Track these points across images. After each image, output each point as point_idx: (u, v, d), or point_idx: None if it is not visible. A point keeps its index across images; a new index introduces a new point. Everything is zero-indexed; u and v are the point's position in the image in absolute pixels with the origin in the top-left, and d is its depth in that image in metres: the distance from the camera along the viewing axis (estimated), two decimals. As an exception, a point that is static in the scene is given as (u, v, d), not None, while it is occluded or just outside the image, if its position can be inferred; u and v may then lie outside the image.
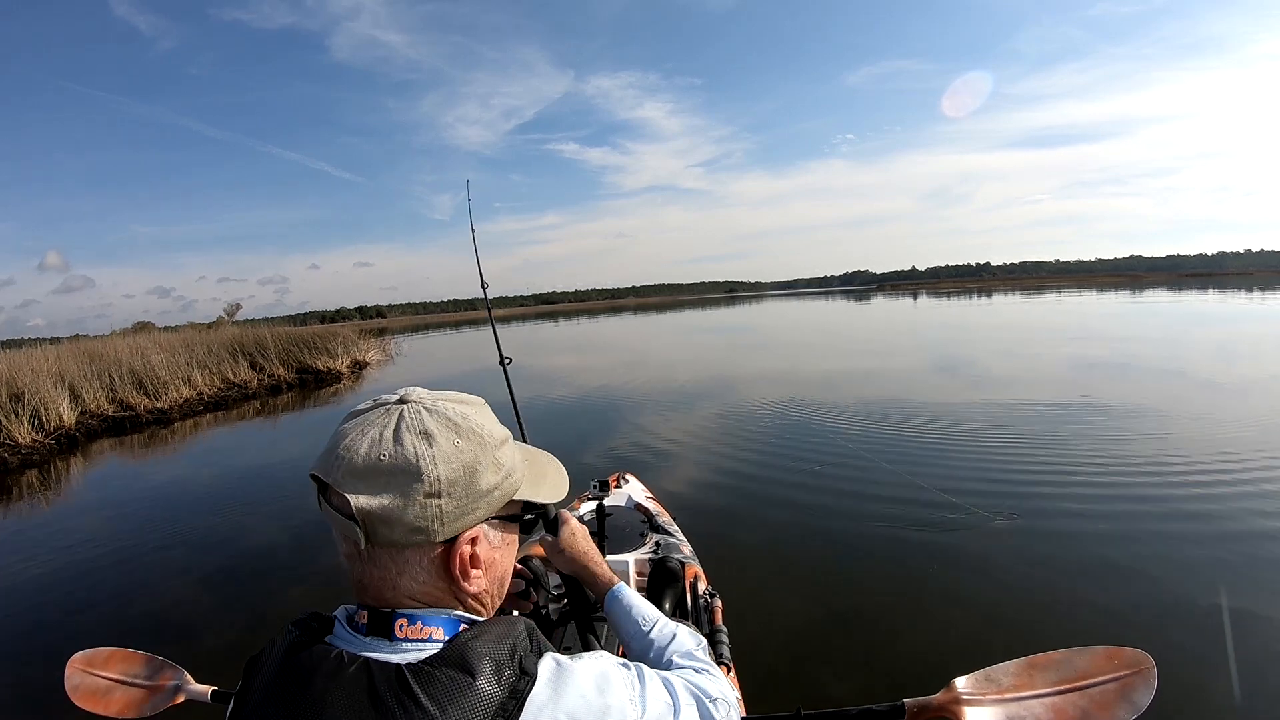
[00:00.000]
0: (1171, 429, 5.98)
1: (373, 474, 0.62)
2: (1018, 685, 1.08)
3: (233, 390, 12.73)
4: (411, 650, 0.63)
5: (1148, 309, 24.72)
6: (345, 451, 0.63)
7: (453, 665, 0.59)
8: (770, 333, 24.54)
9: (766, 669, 2.57)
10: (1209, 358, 10.96)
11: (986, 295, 52.78)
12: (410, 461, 0.63)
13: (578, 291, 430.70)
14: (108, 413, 10.27)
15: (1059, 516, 4.06)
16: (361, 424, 0.66)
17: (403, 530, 0.62)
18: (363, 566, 0.65)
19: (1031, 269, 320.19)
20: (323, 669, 0.60)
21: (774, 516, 4.37)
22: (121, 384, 10.92)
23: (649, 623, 0.98)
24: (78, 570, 4.42)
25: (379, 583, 0.65)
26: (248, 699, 0.64)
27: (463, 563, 0.67)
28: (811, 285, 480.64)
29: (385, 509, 0.61)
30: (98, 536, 5.04)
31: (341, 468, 0.62)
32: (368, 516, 0.61)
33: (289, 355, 14.88)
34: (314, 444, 7.17)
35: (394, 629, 0.64)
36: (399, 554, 0.64)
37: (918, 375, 10.59)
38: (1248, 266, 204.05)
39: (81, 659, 1.42)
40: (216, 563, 4.39)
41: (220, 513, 5.51)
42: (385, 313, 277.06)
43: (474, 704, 0.57)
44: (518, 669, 0.61)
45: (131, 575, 4.26)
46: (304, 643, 0.64)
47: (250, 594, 3.88)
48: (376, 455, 0.62)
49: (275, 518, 5.28)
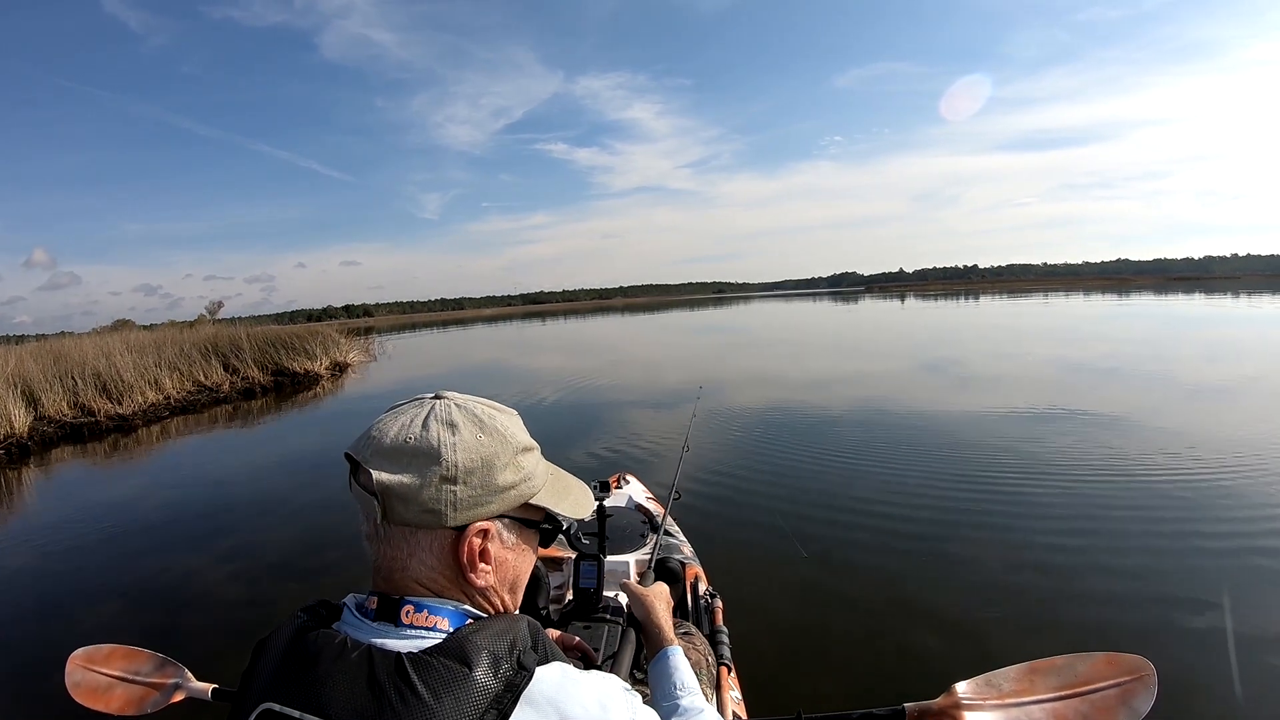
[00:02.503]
0: (1172, 433, 5.90)
1: (396, 453, 0.66)
2: (1018, 690, 1.07)
3: (203, 394, 12.09)
4: (415, 638, 0.64)
5: (1137, 311, 24.71)
6: (377, 433, 0.68)
7: (451, 656, 0.60)
8: (759, 333, 24.37)
9: (767, 671, 2.54)
10: (1208, 361, 10.82)
11: (974, 297, 53.49)
12: (432, 445, 0.67)
13: (565, 292, 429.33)
14: (67, 419, 9.71)
15: (1059, 520, 4.01)
16: (396, 413, 0.70)
17: (416, 509, 0.66)
18: (378, 546, 0.69)
19: (1020, 271, 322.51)
20: (325, 653, 0.62)
21: (774, 517, 4.26)
22: (84, 387, 10.36)
23: (685, 691, 0.96)
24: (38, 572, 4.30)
25: (390, 562, 0.68)
26: (252, 680, 0.65)
27: (471, 553, 0.69)
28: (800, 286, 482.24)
29: (403, 486, 0.65)
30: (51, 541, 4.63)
31: (371, 447, 0.67)
32: (386, 491, 0.65)
33: (265, 356, 14.24)
34: (285, 450, 6.88)
35: (400, 615, 0.66)
36: (411, 534, 0.67)
37: (909, 377, 10.58)
38: (1235, 271, 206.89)
39: (82, 655, 1.41)
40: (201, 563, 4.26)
41: (216, 514, 5.37)
42: (373, 312, 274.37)
43: (469, 695, 0.58)
44: (515, 664, 0.62)
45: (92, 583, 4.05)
46: (310, 628, 0.66)
47: (249, 595, 3.79)
48: (403, 438, 0.67)
49: (270, 519, 5.18)
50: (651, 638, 1.11)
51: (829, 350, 16.13)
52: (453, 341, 31.67)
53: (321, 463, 6.78)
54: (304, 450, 7.78)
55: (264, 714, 0.61)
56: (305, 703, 0.59)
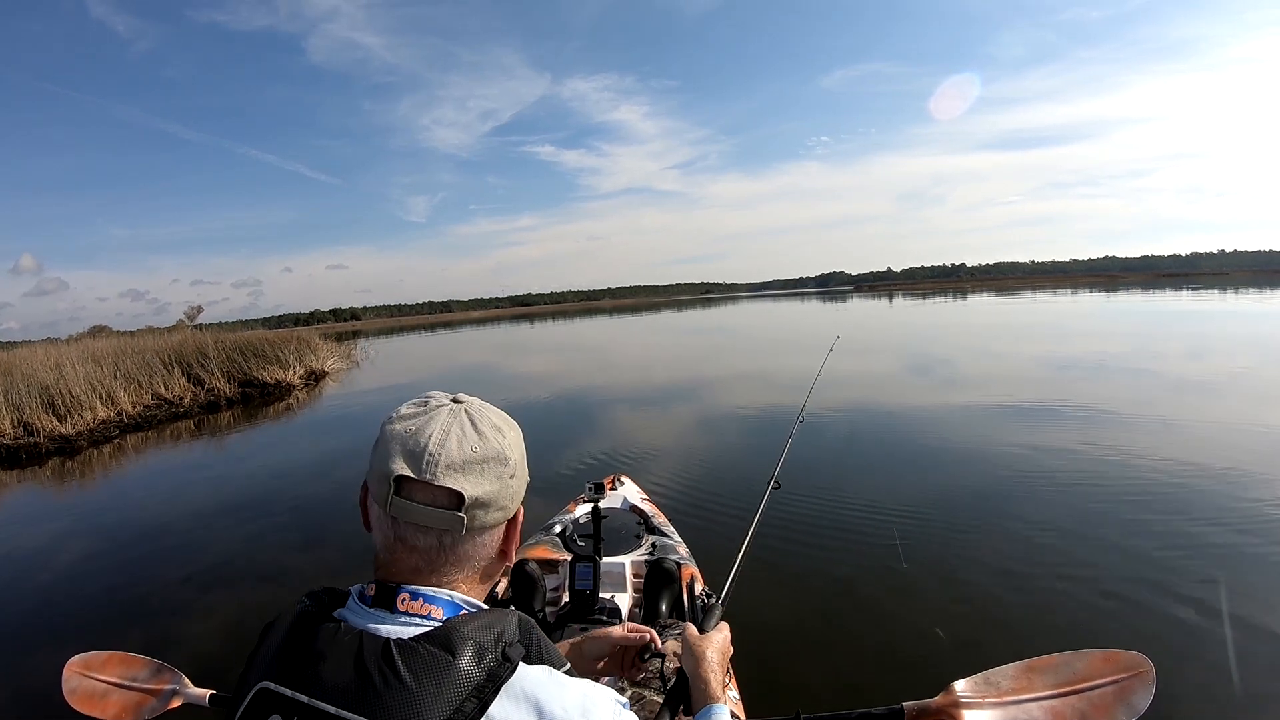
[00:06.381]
0: (1165, 427, 5.90)
1: (470, 464, 0.67)
2: (1016, 688, 1.04)
3: (161, 408, 11.17)
4: (409, 624, 0.65)
5: (1138, 310, 24.54)
6: (438, 448, 0.67)
7: (438, 644, 0.61)
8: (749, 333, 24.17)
9: (765, 671, 2.51)
10: (1207, 359, 10.69)
11: (963, 296, 54.02)
12: (499, 451, 0.70)
13: (553, 294, 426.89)
14: (6, 439, 8.85)
15: (1056, 518, 3.97)
16: (430, 425, 0.69)
17: (494, 511, 0.70)
18: (435, 555, 0.68)
19: (1007, 269, 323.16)
20: (321, 637, 0.63)
21: (771, 517, 3.77)
22: (29, 403, 9.49)
23: None
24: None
25: (446, 566, 0.69)
26: (255, 662, 0.66)
27: (516, 535, 0.75)
28: (788, 286, 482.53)
29: (487, 494, 0.68)
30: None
31: (439, 464, 0.66)
32: (475, 503, 0.67)
33: (233, 365, 13.33)
34: (254, 466, 6.14)
35: (396, 602, 0.66)
36: (480, 535, 0.70)
37: (903, 377, 10.49)
38: (1222, 267, 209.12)
39: (79, 662, 1.38)
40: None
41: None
42: (360, 315, 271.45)
43: (451, 682, 0.58)
44: (500, 656, 0.62)
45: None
46: (313, 613, 0.67)
47: (246, 597, 3.82)
48: (469, 448, 0.68)
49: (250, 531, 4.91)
50: (696, 691, 1.01)
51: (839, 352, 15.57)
52: (441, 345, 31.35)
53: (283, 474, 6.75)
54: (262, 472, 7.21)
55: (260, 692, 0.63)
56: (298, 683, 0.61)
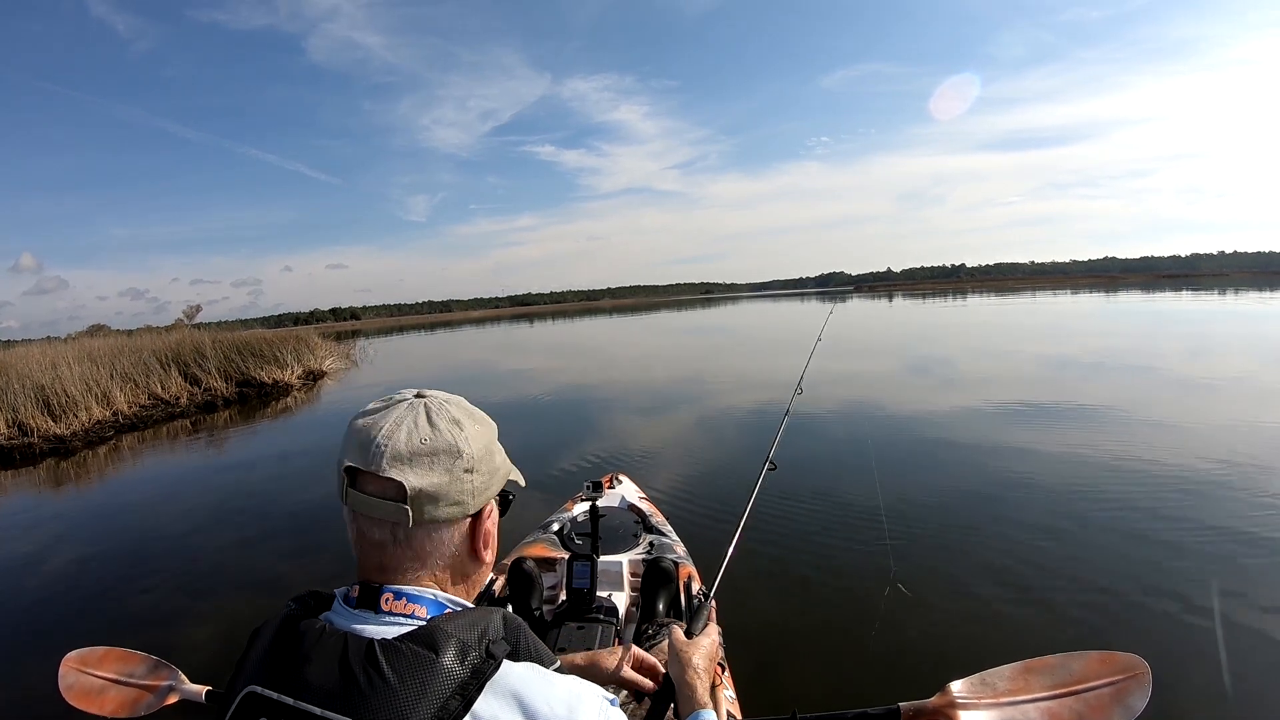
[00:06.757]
0: (1162, 429, 5.89)
1: (417, 456, 0.67)
2: (1013, 689, 1.04)
3: (157, 408, 11.11)
4: (393, 624, 0.65)
5: (1139, 309, 24.43)
6: (385, 439, 0.66)
7: (421, 643, 0.61)
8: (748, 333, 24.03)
9: (762, 671, 2.52)
10: (1206, 359, 10.64)
11: (962, 296, 53.98)
12: (450, 443, 0.69)
13: (553, 293, 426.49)
14: (0, 440, 8.79)
15: (1053, 520, 3.95)
16: (386, 418, 0.69)
17: (445, 505, 0.68)
18: (395, 549, 0.68)
19: (1008, 270, 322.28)
20: (306, 640, 0.63)
21: (768, 517, 4.13)
22: (24, 402, 9.43)
23: None
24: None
25: (406, 562, 0.68)
26: (243, 667, 0.66)
27: (484, 535, 0.74)
28: (788, 286, 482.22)
29: (434, 486, 0.67)
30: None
31: (384, 455, 0.66)
32: (419, 494, 0.66)
33: (230, 365, 13.28)
34: (245, 472, 6.18)
35: (380, 602, 0.66)
36: (435, 531, 0.69)
37: (901, 378, 10.45)
38: (1222, 268, 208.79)
39: (76, 658, 1.38)
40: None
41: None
42: (360, 315, 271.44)
43: (434, 680, 0.58)
44: (484, 653, 0.62)
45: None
46: (299, 616, 0.66)
47: (242, 596, 3.81)
48: (419, 440, 0.67)
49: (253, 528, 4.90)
50: (682, 698, 1.01)
51: (839, 354, 15.53)
52: (440, 344, 31.28)
53: (278, 474, 6.76)
54: (257, 472, 7.15)
55: (248, 695, 0.63)
56: (285, 686, 0.61)
